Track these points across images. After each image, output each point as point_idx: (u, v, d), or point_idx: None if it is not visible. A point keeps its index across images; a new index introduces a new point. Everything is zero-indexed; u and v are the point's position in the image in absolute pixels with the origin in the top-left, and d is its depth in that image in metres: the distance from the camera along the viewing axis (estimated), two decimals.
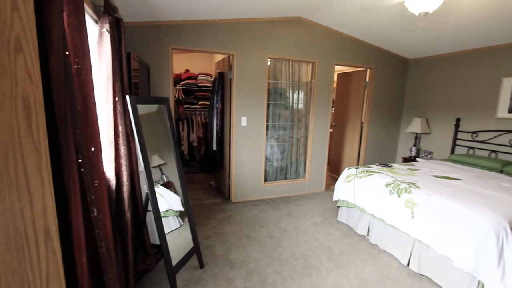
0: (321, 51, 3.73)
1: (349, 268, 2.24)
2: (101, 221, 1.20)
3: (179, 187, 2.23)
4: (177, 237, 2.20)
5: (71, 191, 0.94)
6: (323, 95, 3.91)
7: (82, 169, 1.04)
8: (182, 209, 2.27)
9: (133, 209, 1.96)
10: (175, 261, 1.92)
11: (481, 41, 3.33)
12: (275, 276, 2.12)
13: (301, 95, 3.96)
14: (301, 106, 3.98)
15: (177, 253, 2.01)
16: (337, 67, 4.05)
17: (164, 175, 2.28)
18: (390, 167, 3.12)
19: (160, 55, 3.01)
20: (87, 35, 1.18)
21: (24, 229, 0.53)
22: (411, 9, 2.36)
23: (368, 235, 2.74)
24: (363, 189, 2.75)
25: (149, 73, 2.93)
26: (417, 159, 4.13)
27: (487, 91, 3.50)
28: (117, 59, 1.68)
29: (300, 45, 3.59)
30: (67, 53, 0.96)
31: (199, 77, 4.87)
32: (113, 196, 1.67)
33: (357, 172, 2.95)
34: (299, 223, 3.05)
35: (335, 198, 3.14)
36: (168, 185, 2.29)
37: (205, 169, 4.95)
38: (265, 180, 3.84)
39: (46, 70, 0.84)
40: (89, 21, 1.62)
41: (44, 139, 0.57)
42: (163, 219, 1.94)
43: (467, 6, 2.49)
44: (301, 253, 2.44)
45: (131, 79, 2.09)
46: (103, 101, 1.60)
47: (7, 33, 0.50)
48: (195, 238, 2.20)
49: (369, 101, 4.29)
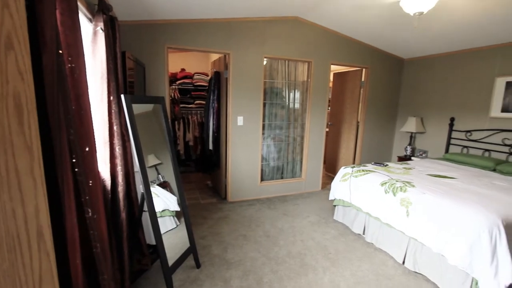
0: (317, 50, 3.74)
1: (345, 266, 2.26)
2: (96, 221, 1.19)
3: (175, 187, 2.22)
4: (173, 237, 2.19)
5: (65, 191, 0.93)
6: (319, 95, 3.92)
7: (76, 169, 1.03)
8: (178, 209, 2.26)
9: (129, 209, 1.94)
10: (171, 261, 1.91)
11: (475, 41, 3.36)
12: (272, 275, 2.12)
13: (297, 95, 3.96)
14: (297, 105, 3.99)
15: (173, 253, 2.00)
16: (333, 67, 4.06)
17: (160, 175, 2.26)
18: (385, 166, 3.14)
19: (155, 54, 2.99)
20: (81, 33, 1.17)
21: (16, 230, 0.52)
22: (406, 9, 2.37)
23: (364, 233, 2.76)
24: (359, 188, 2.77)
25: (144, 72, 2.91)
26: (412, 158, 4.17)
27: (481, 90, 3.54)
28: (111, 58, 1.66)
29: (296, 44, 3.60)
30: (61, 51, 0.95)
31: (195, 77, 4.85)
32: (108, 196, 1.65)
33: (353, 171, 2.96)
34: (295, 222, 3.05)
35: (331, 197, 3.16)
36: (164, 185, 2.28)
37: (201, 168, 4.94)
38: (262, 179, 3.84)
39: (38, 68, 0.83)
40: (83, 20, 1.60)
41: (36, 138, 0.56)
42: (159, 219, 1.93)
43: (461, 6, 2.52)
44: (297, 252, 2.44)
45: (126, 78, 2.08)
46: (98, 101, 1.59)
47: None
48: (192, 238, 2.19)
49: (365, 101, 4.31)
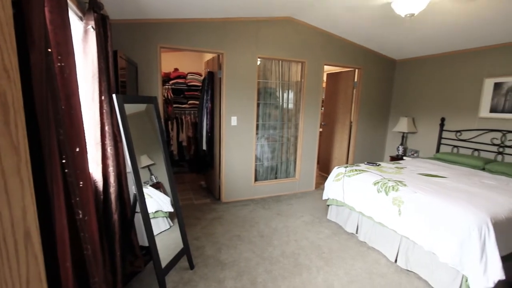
0: (310, 51, 3.76)
1: (338, 265, 2.27)
2: (86, 223, 1.17)
3: (169, 188, 2.20)
4: (166, 238, 2.17)
5: (54, 192, 0.91)
6: (313, 95, 3.94)
7: (66, 170, 1.01)
8: (171, 210, 2.24)
9: (121, 211, 1.92)
10: (165, 263, 1.89)
11: (464, 43, 3.43)
12: (266, 275, 2.12)
13: (291, 95, 3.97)
14: (291, 105, 4.00)
15: (166, 254, 1.98)
16: (326, 67, 4.09)
17: (153, 176, 2.24)
18: (378, 165, 3.18)
19: (148, 53, 2.96)
20: (71, 32, 1.15)
21: (2, 233, 0.51)
22: (397, 11, 2.40)
23: (357, 232, 2.78)
24: (352, 187, 2.79)
25: (137, 72, 2.88)
26: (404, 158, 4.23)
27: (470, 91, 3.61)
28: (103, 57, 1.64)
29: (290, 45, 3.61)
30: (50, 50, 0.93)
31: (188, 76, 4.82)
32: (100, 197, 1.63)
33: (346, 171, 2.98)
34: (289, 222, 3.06)
35: (324, 196, 3.17)
36: (157, 186, 2.26)
37: (195, 169, 4.91)
38: (256, 179, 3.84)
39: (26, 67, 0.81)
40: (74, 18, 1.58)
41: (23, 138, 0.55)
42: (152, 220, 1.91)
43: (450, 9, 2.56)
44: (291, 252, 2.45)
45: (118, 78, 2.05)
46: (89, 100, 1.56)
47: None
48: (185, 239, 2.17)
49: (358, 101, 4.35)
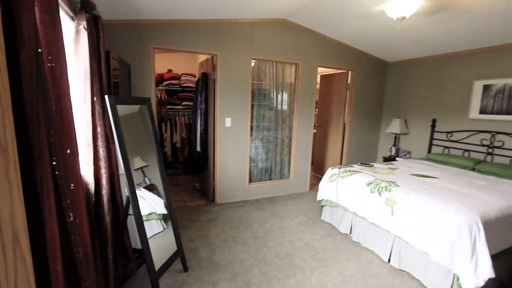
0: (304, 53, 3.79)
1: (332, 266, 2.28)
2: (78, 226, 1.15)
3: (162, 190, 2.18)
4: (160, 240, 2.15)
5: (44, 195, 0.89)
6: (307, 96, 3.96)
7: (56, 172, 1.00)
8: (165, 212, 2.22)
9: (114, 213, 1.89)
10: (158, 265, 1.87)
11: (454, 46, 3.50)
12: (260, 276, 2.11)
13: (285, 96, 3.99)
14: (285, 107, 4.02)
15: (159, 257, 1.96)
16: (320, 69, 4.12)
17: (146, 178, 2.22)
18: (371, 166, 3.21)
19: (141, 54, 2.93)
20: (62, 32, 1.13)
21: None
22: (389, 14, 2.44)
23: (350, 233, 2.80)
24: (346, 188, 2.81)
25: (129, 72, 2.85)
26: (397, 159, 4.28)
27: (460, 93, 3.68)
28: (95, 57, 1.62)
29: (284, 46, 3.63)
30: (40, 50, 0.91)
31: (182, 78, 4.80)
32: (92, 199, 1.60)
33: (340, 171, 3.01)
34: (283, 223, 3.06)
35: (319, 197, 3.19)
36: (150, 188, 2.23)
37: (189, 170, 4.88)
38: (250, 181, 3.83)
39: (16, 67, 0.80)
40: (65, 18, 1.56)
41: (12, 139, 0.54)
42: (146, 223, 1.89)
43: (440, 13, 2.61)
44: (285, 253, 2.45)
45: (110, 79, 2.03)
46: (81, 101, 1.54)
47: None
48: (179, 241, 2.15)
49: (351, 103, 4.39)
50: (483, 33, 3.00)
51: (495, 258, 1.87)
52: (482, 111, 3.44)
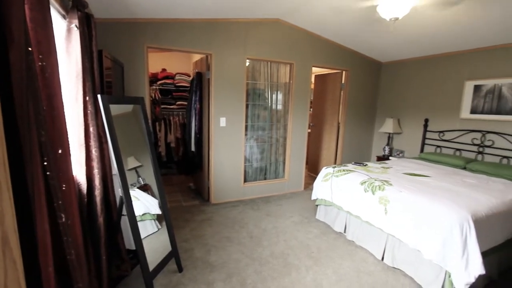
0: (299, 52, 3.80)
1: (327, 264, 2.30)
2: (70, 227, 1.13)
3: (156, 190, 2.17)
4: (154, 241, 2.14)
5: (35, 196, 0.88)
6: (301, 96, 3.98)
7: (48, 173, 0.98)
8: (159, 212, 2.20)
9: (107, 214, 1.87)
10: (152, 266, 1.86)
11: (446, 46, 3.55)
12: (255, 276, 2.12)
13: (280, 96, 4.00)
14: (279, 106, 4.03)
15: (154, 257, 1.95)
16: (314, 69, 4.14)
17: (140, 178, 2.20)
18: (365, 165, 3.24)
19: (135, 53, 2.91)
20: (53, 30, 1.12)
21: None
22: (382, 15, 2.47)
23: (345, 232, 2.82)
24: (340, 187, 2.83)
25: (123, 72, 2.82)
26: (390, 158, 4.33)
27: (452, 93, 3.74)
28: (87, 56, 1.60)
29: (278, 46, 3.63)
30: (30, 49, 0.90)
31: (176, 77, 4.77)
32: (84, 200, 1.59)
33: (334, 171, 3.03)
34: (278, 223, 3.07)
35: (313, 197, 3.21)
36: (144, 188, 2.22)
37: (183, 170, 4.86)
38: (245, 180, 3.83)
39: (5, 66, 0.78)
40: (56, 16, 1.54)
41: (0, 139, 0.53)
42: (140, 223, 1.88)
43: (432, 14, 2.65)
44: (280, 252, 2.46)
45: (103, 78, 2.01)
46: (72, 101, 1.52)
47: None
48: (173, 241, 2.14)
49: (345, 102, 4.42)
50: (474, 35, 3.05)
51: (485, 255, 1.90)
52: (473, 111, 3.50)
